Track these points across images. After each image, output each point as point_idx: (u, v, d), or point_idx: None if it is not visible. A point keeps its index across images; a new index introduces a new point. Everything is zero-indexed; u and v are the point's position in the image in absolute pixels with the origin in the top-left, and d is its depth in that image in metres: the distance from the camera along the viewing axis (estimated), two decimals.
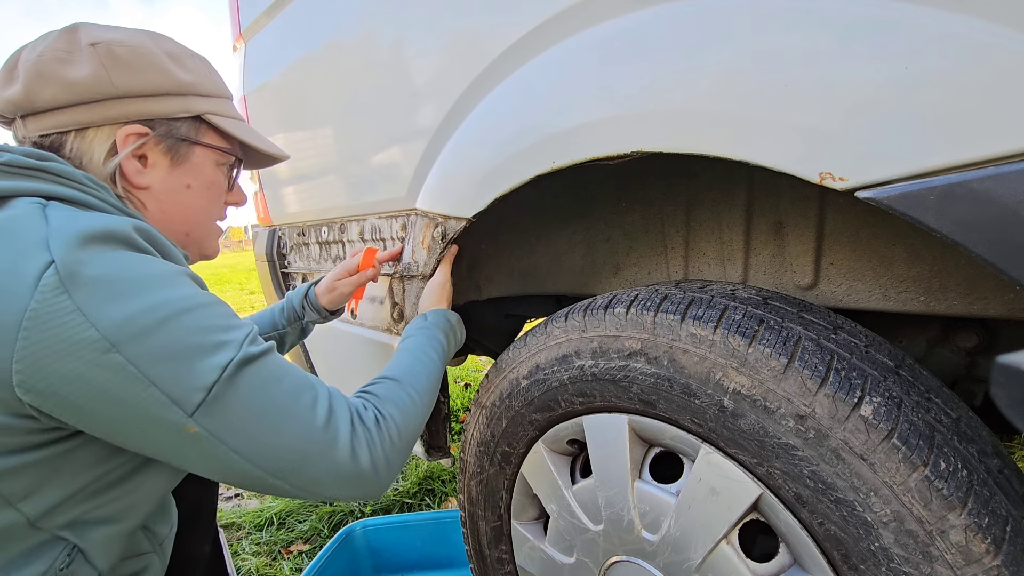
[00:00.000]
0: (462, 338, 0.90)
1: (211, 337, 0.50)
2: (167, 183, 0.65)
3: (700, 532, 0.58)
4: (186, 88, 0.65)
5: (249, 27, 1.36)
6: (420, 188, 0.92)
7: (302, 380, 0.57)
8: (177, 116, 0.64)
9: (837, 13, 0.43)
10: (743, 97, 0.48)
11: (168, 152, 0.64)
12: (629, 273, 0.95)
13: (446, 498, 1.79)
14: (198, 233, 0.71)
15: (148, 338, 0.47)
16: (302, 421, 0.54)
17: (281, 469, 0.53)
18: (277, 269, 1.51)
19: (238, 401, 0.50)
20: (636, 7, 0.58)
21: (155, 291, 0.49)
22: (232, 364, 0.50)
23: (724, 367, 0.54)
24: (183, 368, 0.48)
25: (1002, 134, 0.35)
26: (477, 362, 3.31)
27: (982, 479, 0.46)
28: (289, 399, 0.54)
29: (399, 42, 0.92)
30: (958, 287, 0.63)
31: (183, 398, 0.48)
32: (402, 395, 0.67)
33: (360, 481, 0.57)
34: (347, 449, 0.55)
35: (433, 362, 0.77)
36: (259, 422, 0.51)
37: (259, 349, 0.54)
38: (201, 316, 0.51)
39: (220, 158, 0.70)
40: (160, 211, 0.65)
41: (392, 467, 0.60)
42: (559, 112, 0.65)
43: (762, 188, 0.76)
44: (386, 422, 0.61)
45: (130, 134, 0.61)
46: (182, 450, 0.50)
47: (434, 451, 1.09)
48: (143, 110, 0.61)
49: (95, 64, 0.58)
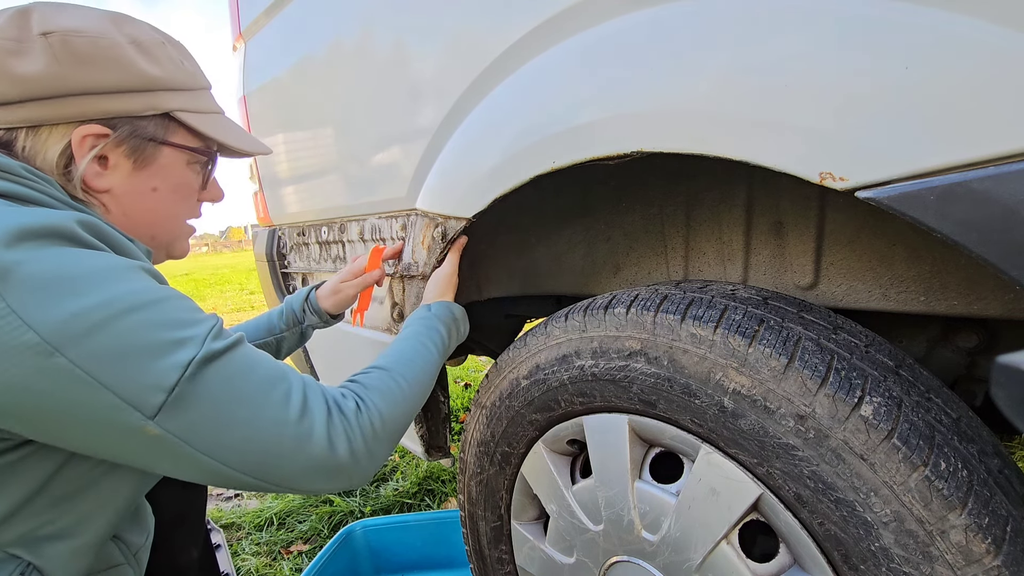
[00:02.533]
0: (465, 332, 0.87)
1: (169, 334, 0.46)
2: (129, 186, 0.59)
3: (700, 532, 0.58)
4: (153, 83, 0.58)
5: (249, 27, 1.36)
6: (420, 188, 0.92)
7: (273, 372, 0.53)
8: (142, 114, 0.58)
9: (837, 13, 0.43)
10: (743, 97, 0.48)
11: (131, 154, 0.58)
12: (629, 273, 0.95)
13: (446, 498, 1.79)
14: (165, 236, 0.66)
15: (96, 337, 0.43)
16: (274, 416, 0.50)
17: (255, 467, 0.50)
18: (277, 269, 1.51)
19: (203, 400, 0.47)
20: (635, 7, 0.58)
21: (102, 286, 0.45)
22: (195, 362, 0.46)
23: (724, 367, 0.54)
24: (139, 368, 0.44)
25: (1002, 134, 0.35)
26: (477, 362, 3.31)
27: (982, 479, 0.46)
28: (259, 394, 0.50)
29: (399, 42, 0.92)
30: (958, 287, 0.63)
31: (141, 400, 0.44)
32: (389, 383, 0.63)
33: (340, 472, 0.54)
34: (323, 441, 0.52)
35: (429, 352, 0.74)
36: (227, 421, 0.48)
37: (224, 344, 0.50)
38: (157, 311, 0.47)
39: (191, 157, 0.64)
40: (123, 215, 0.60)
41: (375, 456, 0.57)
42: (559, 112, 0.65)
43: (762, 188, 0.75)
44: (368, 409, 0.58)
45: (87, 135, 0.55)
46: (143, 453, 0.47)
47: (434, 451, 1.10)
48: (102, 108, 0.55)
49: (47, 58, 0.52)
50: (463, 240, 0.90)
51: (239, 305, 7.30)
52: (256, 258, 1.61)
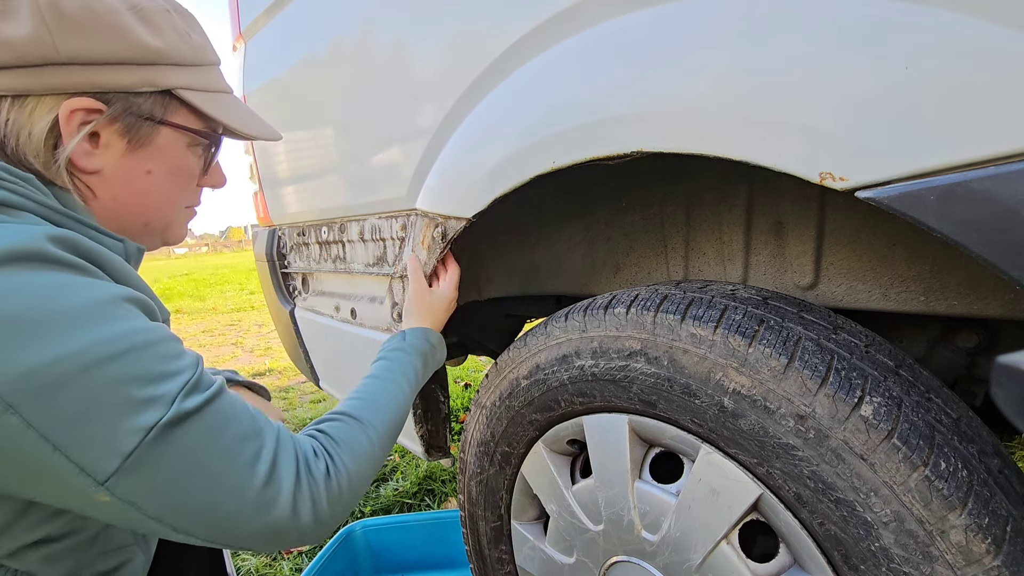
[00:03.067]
0: (441, 358, 0.85)
1: (138, 391, 0.41)
2: (122, 168, 0.54)
3: (700, 532, 0.58)
4: (153, 56, 0.53)
5: (249, 27, 1.36)
6: (420, 188, 0.92)
7: (246, 429, 0.48)
8: (139, 90, 0.53)
9: (837, 13, 0.43)
10: (743, 97, 0.48)
11: (126, 132, 0.53)
12: (629, 273, 0.95)
13: (446, 498, 1.79)
14: (159, 223, 0.60)
15: (56, 395, 0.38)
16: (238, 482, 0.46)
17: (208, 531, 0.46)
18: (277, 269, 1.51)
19: (161, 466, 0.42)
20: (635, 7, 0.58)
21: (71, 333, 0.39)
22: (159, 425, 0.42)
23: (724, 367, 0.54)
24: (97, 431, 0.40)
25: (1002, 134, 0.35)
26: (477, 362, 3.31)
27: (982, 479, 0.46)
28: (226, 456, 0.46)
29: (399, 42, 0.92)
30: (958, 287, 0.63)
31: (93, 466, 0.40)
32: (361, 439, 0.60)
33: (298, 534, 0.51)
34: (288, 507, 0.48)
35: (403, 392, 0.72)
36: (185, 488, 0.44)
37: (197, 402, 0.45)
38: (129, 363, 0.41)
39: (193, 140, 0.59)
40: (112, 199, 0.55)
41: (336, 516, 0.54)
42: (559, 112, 0.65)
43: (762, 188, 0.75)
44: (337, 472, 0.54)
45: (76, 109, 0.50)
46: (92, 512, 0.43)
47: (434, 451, 1.10)
48: (94, 81, 0.50)
49: (36, 22, 0.47)
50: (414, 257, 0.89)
51: (239, 305, 7.30)
52: (256, 258, 1.61)
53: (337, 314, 1.27)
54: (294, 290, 1.50)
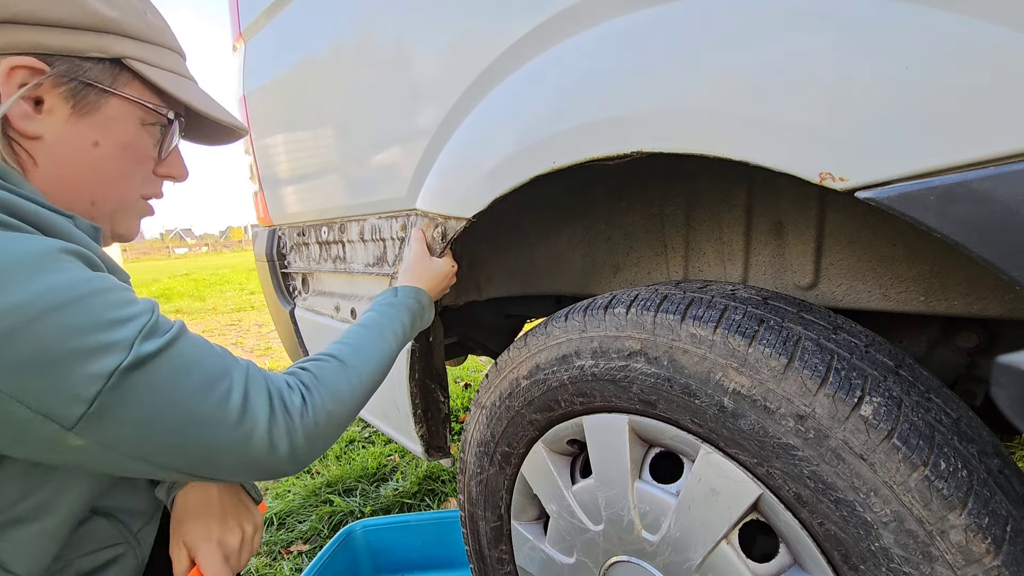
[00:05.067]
0: (429, 319, 0.86)
1: (91, 338, 0.41)
2: (65, 136, 0.52)
3: (700, 532, 0.58)
4: (105, 24, 0.52)
5: (249, 27, 1.36)
6: (420, 188, 0.92)
7: (214, 368, 0.48)
8: (87, 55, 0.51)
9: (837, 13, 0.43)
10: (743, 97, 0.48)
11: (70, 96, 0.51)
12: (629, 273, 0.95)
13: (446, 498, 1.79)
14: (107, 204, 0.57)
15: (6, 348, 0.38)
16: (210, 419, 0.47)
17: (186, 467, 0.47)
18: (277, 269, 1.51)
19: (129, 409, 0.43)
20: (635, 8, 0.58)
21: (14, 285, 0.39)
22: (119, 370, 0.42)
23: (724, 367, 0.54)
24: (55, 379, 0.40)
25: (1002, 134, 0.35)
26: (477, 362, 3.31)
27: (982, 479, 0.46)
28: (196, 396, 0.46)
29: (399, 42, 0.92)
30: (958, 287, 0.63)
31: (57, 412, 0.40)
32: (341, 381, 0.60)
33: (275, 467, 0.52)
34: (263, 441, 0.49)
35: (388, 345, 0.72)
36: (157, 428, 0.44)
37: (157, 344, 0.44)
38: (78, 312, 0.41)
39: (147, 116, 0.57)
40: (56, 168, 0.52)
41: (314, 451, 0.54)
42: (559, 112, 0.65)
43: (762, 188, 0.76)
44: (314, 406, 0.54)
45: (17, 67, 0.48)
46: (68, 459, 0.44)
47: (434, 451, 1.10)
48: (39, 41, 0.49)
49: None
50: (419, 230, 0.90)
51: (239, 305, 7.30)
52: (256, 258, 1.61)
53: (337, 314, 1.27)
54: (294, 290, 1.50)
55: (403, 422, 1.09)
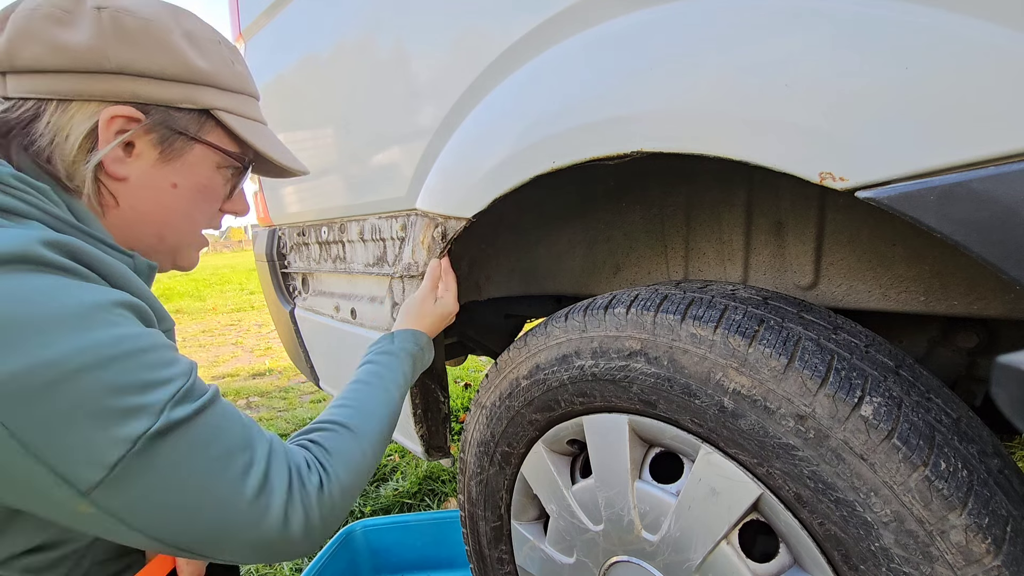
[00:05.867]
0: (429, 360, 0.85)
1: (124, 400, 0.40)
2: (149, 178, 0.55)
3: (700, 532, 0.58)
4: (197, 76, 0.56)
5: (249, 27, 1.36)
6: (420, 188, 0.92)
7: (237, 440, 0.47)
8: (179, 105, 0.55)
9: (837, 13, 0.43)
10: (743, 97, 0.48)
11: (159, 144, 0.55)
12: (629, 273, 0.95)
13: (446, 498, 1.79)
14: (173, 239, 0.61)
15: (38, 403, 0.37)
16: (227, 495, 0.45)
17: (194, 546, 0.45)
18: (277, 269, 1.51)
19: (148, 478, 0.41)
20: (636, 7, 0.58)
21: (56, 338, 0.38)
22: (146, 436, 0.40)
23: (724, 367, 0.54)
24: (80, 441, 0.38)
25: (1002, 134, 0.35)
26: (477, 362, 3.31)
27: (982, 479, 0.46)
28: (215, 469, 0.44)
29: (399, 42, 0.92)
30: (958, 287, 0.63)
31: (76, 476, 0.38)
32: (354, 450, 0.59)
33: (288, 547, 0.49)
34: (278, 520, 0.47)
35: (393, 399, 0.71)
36: (172, 501, 0.42)
37: (187, 411, 0.43)
38: (116, 371, 0.40)
39: (223, 161, 0.61)
40: (132, 208, 0.55)
41: (328, 528, 0.53)
42: (559, 112, 0.65)
43: (762, 188, 0.76)
44: (330, 484, 0.53)
45: (117, 116, 0.51)
46: (75, 524, 0.42)
47: (434, 451, 1.10)
48: (138, 91, 0.52)
49: (94, 31, 0.50)
50: (435, 263, 0.89)
51: (239, 305, 7.30)
52: (256, 258, 1.61)
53: (337, 314, 1.27)
54: (294, 290, 1.50)
55: (403, 422, 1.09)
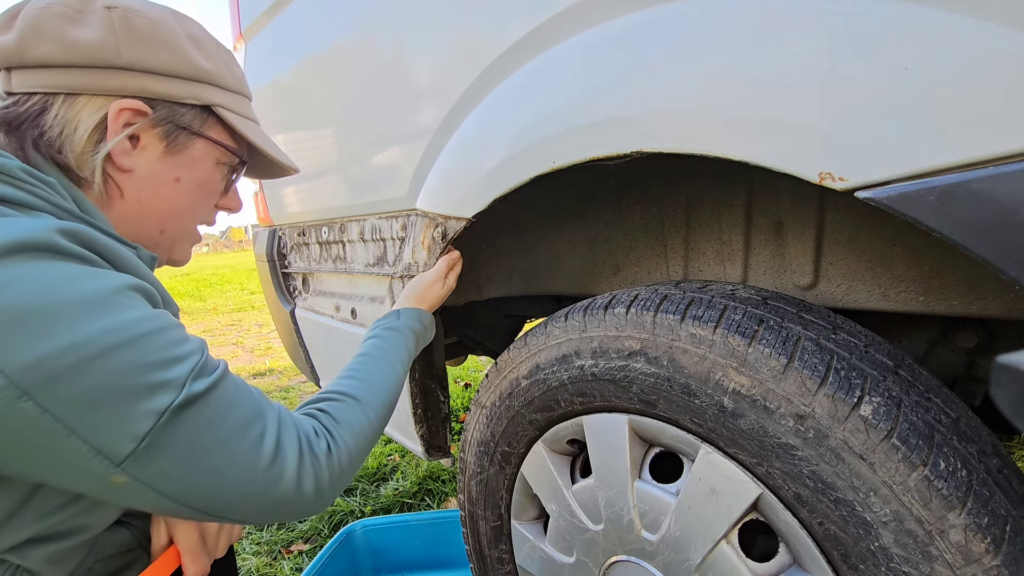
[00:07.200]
0: (431, 337, 0.89)
1: (148, 377, 0.43)
2: (154, 171, 0.58)
3: (700, 532, 0.58)
4: (201, 75, 0.59)
5: (249, 27, 1.36)
6: (420, 188, 0.92)
7: (250, 411, 0.51)
8: (184, 101, 0.58)
9: (836, 13, 0.43)
10: (742, 97, 0.48)
11: (164, 137, 0.58)
12: (629, 273, 0.95)
13: (446, 498, 1.79)
14: (174, 232, 0.63)
15: (68, 382, 0.40)
16: (245, 461, 0.49)
17: (218, 508, 0.49)
18: (277, 269, 1.51)
19: (174, 448, 0.44)
20: (635, 8, 0.58)
21: (81, 322, 0.41)
22: (171, 409, 0.44)
23: (724, 367, 0.54)
24: (111, 416, 0.41)
25: (1002, 134, 0.36)
26: (477, 362, 3.31)
27: (982, 479, 0.46)
28: (233, 438, 0.48)
29: (400, 42, 0.92)
30: (958, 287, 0.63)
31: (109, 448, 0.42)
32: (360, 418, 0.63)
33: (301, 507, 0.54)
34: (292, 483, 0.52)
35: (397, 374, 0.75)
36: (197, 467, 0.46)
37: (205, 385, 0.47)
38: (138, 351, 0.43)
39: (222, 156, 0.64)
40: (137, 200, 0.58)
41: (336, 488, 0.57)
42: (559, 112, 0.65)
43: (762, 188, 0.76)
44: (338, 449, 0.57)
45: (125, 109, 0.54)
46: (107, 494, 0.45)
47: (434, 451, 1.10)
48: (146, 87, 0.55)
49: (105, 29, 0.52)
50: (455, 254, 0.91)
51: (239, 305, 7.30)
52: (256, 258, 1.61)
53: (337, 314, 1.27)
54: (294, 290, 1.50)
55: (403, 422, 1.09)
